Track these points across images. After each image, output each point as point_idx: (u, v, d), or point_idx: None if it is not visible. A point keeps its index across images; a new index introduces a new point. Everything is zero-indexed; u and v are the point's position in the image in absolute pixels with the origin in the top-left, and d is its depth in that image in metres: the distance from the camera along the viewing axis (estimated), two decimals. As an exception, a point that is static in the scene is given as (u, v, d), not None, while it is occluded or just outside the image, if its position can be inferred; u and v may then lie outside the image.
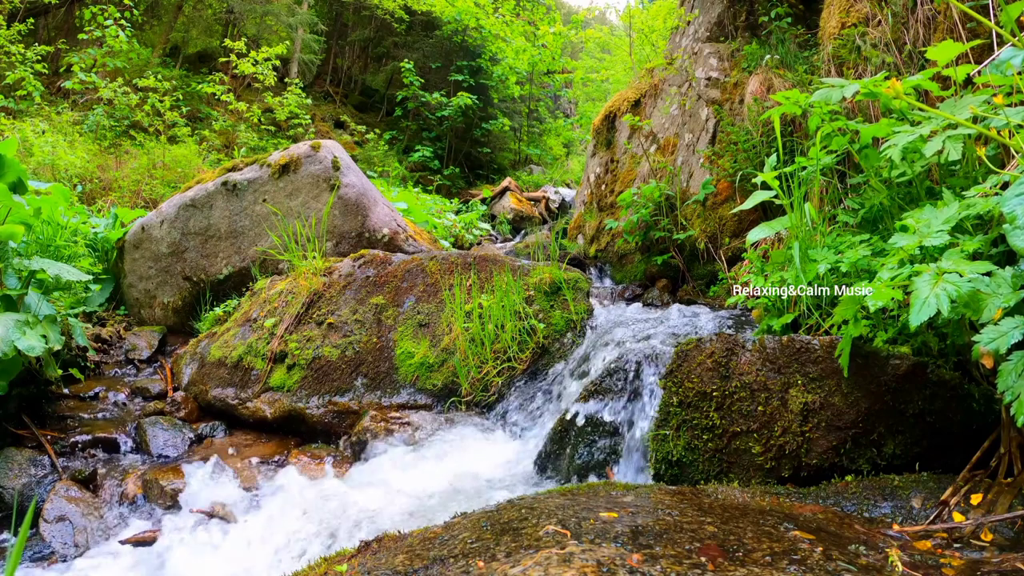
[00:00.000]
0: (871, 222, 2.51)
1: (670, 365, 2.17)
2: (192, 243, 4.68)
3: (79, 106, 9.80)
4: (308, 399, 3.32)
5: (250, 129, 10.71)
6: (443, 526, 1.55)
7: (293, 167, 4.63)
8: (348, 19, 15.99)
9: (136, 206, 6.94)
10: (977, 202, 1.74)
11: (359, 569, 1.35)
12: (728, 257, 4.35)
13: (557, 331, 3.27)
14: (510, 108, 15.55)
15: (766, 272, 2.74)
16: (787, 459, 1.93)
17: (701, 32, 5.58)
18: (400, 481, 2.49)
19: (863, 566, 1.21)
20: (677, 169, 4.96)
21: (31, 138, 7.18)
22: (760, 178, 2.63)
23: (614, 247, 5.48)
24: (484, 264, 3.68)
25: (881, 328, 2.03)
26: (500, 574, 1.12)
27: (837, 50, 3.41)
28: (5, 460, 2.79)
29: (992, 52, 2.36)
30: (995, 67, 1.94)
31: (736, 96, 4.73)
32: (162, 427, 3.21)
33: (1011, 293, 1.47)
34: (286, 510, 2.36)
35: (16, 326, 2.80)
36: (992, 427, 1.77)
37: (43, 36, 11.56)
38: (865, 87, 2.10)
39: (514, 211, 10.47)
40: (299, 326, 3.65)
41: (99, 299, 4.83)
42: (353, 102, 16.08)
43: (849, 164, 3.06)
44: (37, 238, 4.03)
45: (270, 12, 13.52)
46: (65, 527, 2.46)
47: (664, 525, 1.35)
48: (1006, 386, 1.39)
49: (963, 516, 1.54)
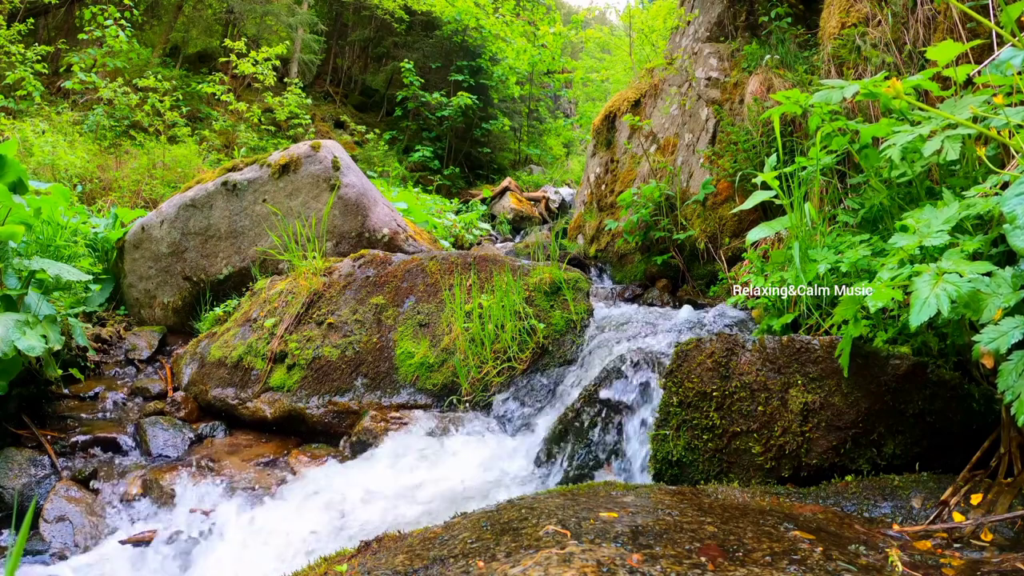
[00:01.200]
0: (871, 222, 2.51)
1: (670, 365, 2.17)
2: (192, 243, 4.68)
3: (79, 106, 9.80)
4: (308, 399, 3.32)
5: (250, 129, 10.71)
6: (443, 526, 1.55)
7: (293, 167, 4.63)
8: (348, 19, 15.99)
9: (136, 206, 6.94)
10: (977, 202, 1.74)
11: (359, 569, 1.35)
12: (728, 257, 4.35)
13: (557, 331, 3.27)
14: (510, 108, 15.56)
15: (766, 272, 2.74)
16: (787, 459, 1.93)
17: (701, 32, 5.58)
18: (400, 481, 2.49)
19: (863, 566, 1.21)
20: (677, 169, 4.96)
21: (31, 138, 7.18)
22: (760, 178, 2.63)
23: (614, 247, 5.48)
24: (484, 264, 3.68)
25: (881, 328, 2.03)
26: (500, 574, 1.12)
27: (837, 50, 3.41)
28: (5, 460, 2.79)
29: (992, 52, 2.36)
30: (995, 67, 1.94)
31: (736, 96, 4.73)
32: (162, 427, 3.21)
33: (1011, 293, 1.46)
34: (286, 510, 2.36)
35: (16, 326, 2.80)
36: (992, 427, 1.77)
37: (43, 36, 11.57)
38: (865, 87, 2.10)
39: (514, 211, 10.47)
40: (299, 326, 3.65)
41: (99, 299, 4.83)
42: (353, 102, 16.08)
43: (849, 164, 3.06)
44: (37, 238, 4.02)
45: (270, 12, 13.52)
46: (65, 527, 2.46)
47: (664, 525, 1.35)
48: (1006, 386, 1.39)
49: (963, 516, 1.54)
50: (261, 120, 10.65)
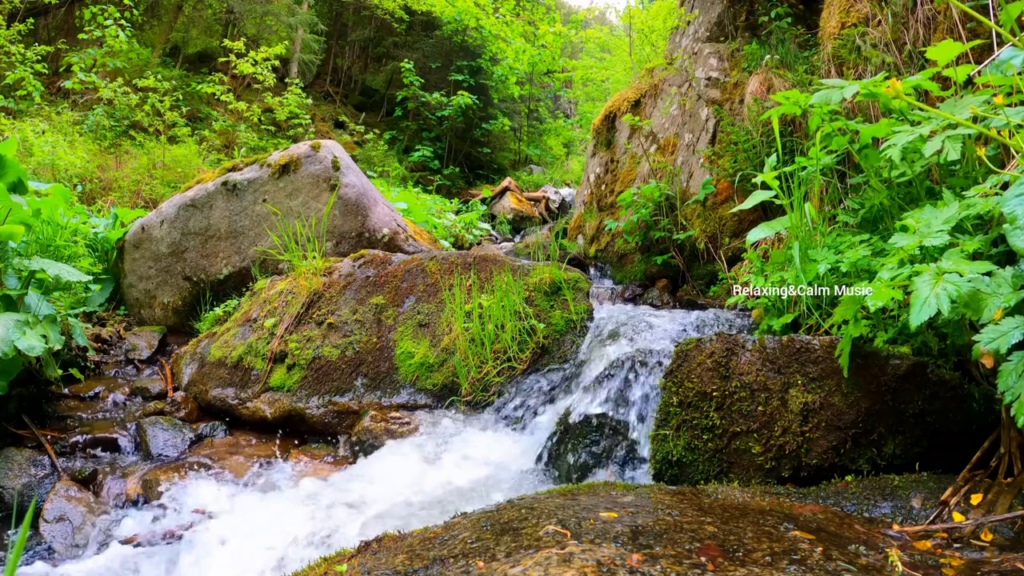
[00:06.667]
0: (871, 222, 2.51)
1: (670, 365, 2.17)
2: (192, 243, 4.68)
3: (79, 106, 9.80)
4: (308, 399, 3.32)
5: (250, 129, 10.71)
6: (443, 526, 1.55)
7: (293, 167, 4.63)
8: (348, 19, 15.99)
9: (136, 206, 6.94)
10: (977, 202, 1.74)
11: (359, 569, 1.35)
12: (728, 257, 4.35)
13: (557, 331, 3.27)
14: (510, 108, 15.56)
15: (766, 272, 2.74)
16: (787, 459, 1.93)
17: (701, 32, 5.58)
18: (400, 481, 2.49)
19: (863, 566, 1.21)
20: (677, 169, 4.96)
21: (31, 138, 7.18)
22: (760, 178, 2.63)
23: (614, 247, 5.48)
24: (484, 264, 3.68)
25: (881, 328, 2.03)
26: (500, 574, 1.12)
27: (837, 50, 3.41)
28: (5, 460, 2.79)
29: (992, 52, 2.36)
30: (995, 67, 1.94)
31: (736, 96, 4.73)
32: (162, 427, 3.21)
33: (1011, 293, 1.46)
34: (286, 510, 2.36)
35: (16, 326, 2.80)
36: (992, 427, 1.77)
37: (43, 36, 11.56)
38: (865, 87, 2.10)
39: (514, 211, 10.47)
40: (299, 326, 3.65)
41: (99, 299, 4.83)
42: (353, 102, 16.08)
43: (849, 164, 3.06)
44: (37, 238, 4.02)
45: (270, 12, 13.52)
46: (65, 527, 2.46)
47: (664, 525, 1.35)
48: (1006, 386, 1.39)
49: (963, 516, 1.54)
50: (261, 120, 10.65)
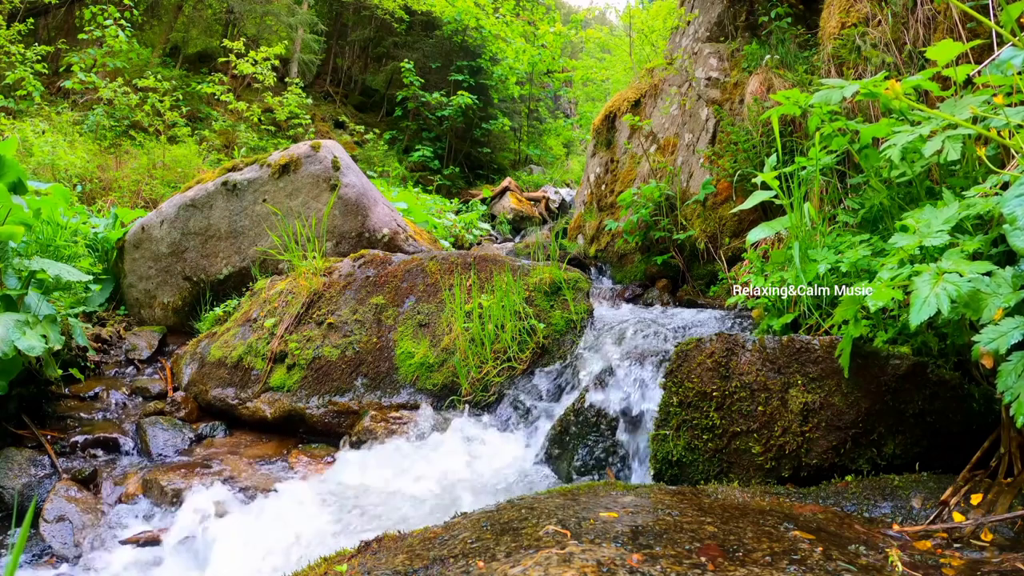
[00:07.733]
0: (871, 222, 2.51)
1: (670, 365, 2.17)
2: (192, 243, 4.68)
3: (79, 106, 9.80)
4: (308, 399, 3.32)
5: (250, 129, 10.71)
6: (443, 526, 1.55)
7: (293, 167, 4.63)
8: (348, 19, 15.98)
9: (136, 206, 6.94)
10: (977, 202, 1.74)
11: (359, 569, 1.35)
12: (728, 257, 4.35)
13: (557, 331, 3.27)
14: (510, 108, 15.55)
15: (766, 272, 2.74)
16: (787, 459, 1.93)
17: (701, 32, 5.58)
18: (400, 481, 2.49)
19: (863, 566, 1.21)
20: (677, 169, 4.96)
21: (31, 138, 7.18)
22: (760, 178, 2.63)
23: (614, 247, 5.48)
24: (484, 264, 3.68)
25: (881, 328, 2.03)
26: (500, 574, 1.12)
27: (837, 50, 3.41)
28: (5, 460, 2.79)
29: (992, 52, 2.36)
30: (995, 67, 1.94)
31: (736, 96, 4.73)
32: (162, 427, 3.21)
33: (1011, 293, 1.46)
34: (286, 510, 2.35)
35: (16, 326, 2.80)
36: (992, 427, 1.77)
37: (43, 36, 11.56)
38: (865, 87, 2.10)
39: (514, 211, 10.47)
40: (299, 326, 3.65)
41: (99, 299, 4.83)
42: (353, 102, 16.07)
43: (849, 164, 3.06)
44: (37, 238, 4.02)
45: (270, 12, 13.52)
46: (65, 527, 2.46)
47: (664, 525, 1.35)
48: (1006, 386, 1.39)
49: (963, 516, 1.54)
50: (261, 120, 10.64)
